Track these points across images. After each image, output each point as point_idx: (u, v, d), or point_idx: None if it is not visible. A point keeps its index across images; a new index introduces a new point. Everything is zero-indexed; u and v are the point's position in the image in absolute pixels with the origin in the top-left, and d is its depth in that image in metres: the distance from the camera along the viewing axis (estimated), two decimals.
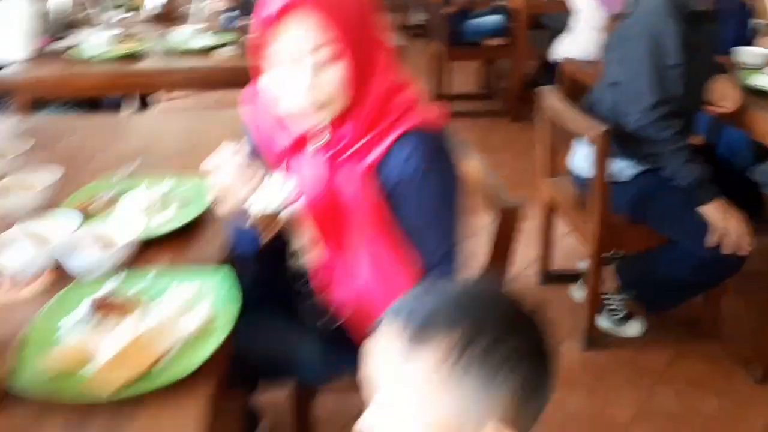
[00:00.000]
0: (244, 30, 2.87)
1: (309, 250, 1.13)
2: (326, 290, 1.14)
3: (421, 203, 1.03)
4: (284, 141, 1.12)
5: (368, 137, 1.04)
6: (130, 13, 3.18)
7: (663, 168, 1.86)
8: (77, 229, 1.13)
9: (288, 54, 0.98)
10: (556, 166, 2.29)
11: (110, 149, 1.65)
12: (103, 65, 2.41)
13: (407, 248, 1.05)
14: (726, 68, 2.06)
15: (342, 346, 1.11)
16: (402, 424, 0.64)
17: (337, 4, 0.97)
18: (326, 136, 1.07)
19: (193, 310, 0.96)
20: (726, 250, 1.79)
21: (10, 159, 1.45)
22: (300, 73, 0.98)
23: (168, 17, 3.22)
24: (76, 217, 1.18)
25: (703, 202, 1.81)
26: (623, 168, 1.98)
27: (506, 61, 4.23)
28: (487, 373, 0.61)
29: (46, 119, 2.25)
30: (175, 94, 3.62)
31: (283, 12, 0.96)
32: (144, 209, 1.25)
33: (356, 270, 1.07)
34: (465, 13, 4.05)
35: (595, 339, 2.14)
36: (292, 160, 1.13)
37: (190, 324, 0.93)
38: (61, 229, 1.14)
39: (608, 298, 2.21)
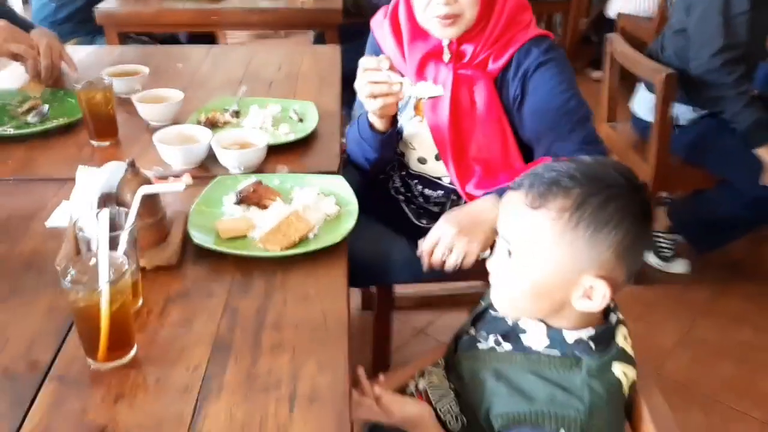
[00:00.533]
0: None
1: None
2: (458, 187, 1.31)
3: (552, 80, 1.22)
4: (419, 53, 1.29)
5: (493, 49, 1.21)
6: None
7: (723, 111, 1.98)
8: (212, 136, 1.32)
9: None
10: (615, 113, 2.42)
11: (216, 76, 1.83)
12: (196, 3, 2.58)
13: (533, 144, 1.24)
14: None
15: None
16: (514, 276, 0.82)
17: None
18: (454, 49, 1.25)
19: (324, 201, 1.14)
20: None
21: (138, 78, 1.63)
22: None
23: None
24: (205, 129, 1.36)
25: (760, 144, 1.93)
26: (684, 112, 2.10)
27: (559, 16, 4.28)
28: (595, 228, 0.77)
29: (155, 48, 2.44)
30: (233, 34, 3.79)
31: None
32: (261, 125, 1.43)
33: (478, 168, 1.26)
34: None
35: (643, 274, 2.30)
36: (426, 70, 1.29)
37: (327, 208, 1.12)
38: (201, 133, 1.33)
39: (659, 238, 2.35)
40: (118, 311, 0.79)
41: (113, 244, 0.84)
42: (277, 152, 1.35)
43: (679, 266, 2.37)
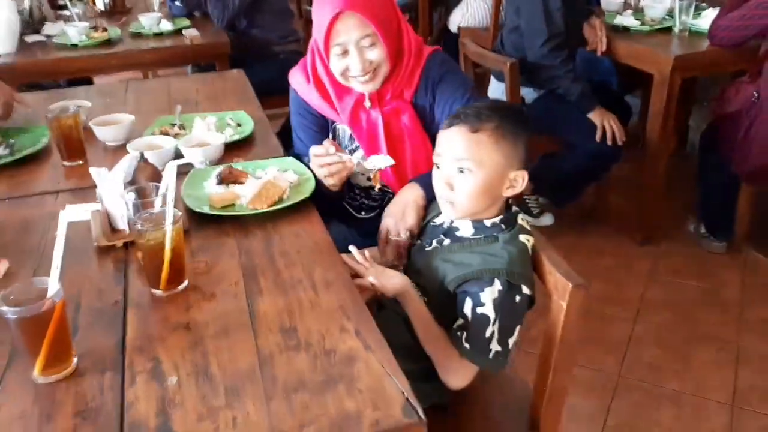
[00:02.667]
0: (190, 16, 3.32)
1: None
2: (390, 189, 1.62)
3: (454, 83, 1.56)
4: (348, 107, 1.54)
5: (403, 80, 1.53)
6: (80, 9, 3.48)
7: (558, 87, 2.54)
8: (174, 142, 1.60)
9: (340, 47, 1.43)
10: None
11: (146, 103, 2.08)
12: (89, 50, 2.78)
13: None
14: (597, 13, 2.77)
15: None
16: (469, 185, 1.20)
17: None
18: (374, 96, 1.53)
19: (285, 174, 1.47)
20: (609, 142, 2.49)
21: (83, 110, 1.86)
22: (351, 60, 1.43)
23: (114, 10, 3.58)
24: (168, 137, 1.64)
25: (589, 109, 2.50)
26: (527, 93, 2.66)
27: None
28: (514, 136, 1.19)
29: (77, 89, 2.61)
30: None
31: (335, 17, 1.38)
32: (209, 130, 1.73)
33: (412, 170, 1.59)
34: None
35: None
36: (359, 118, 1.56)
37: (290, 178, 1.45)
38: (164, 141, 1.61)
39: (526, 200, 2.88)
40: (176, 248, 1.08)
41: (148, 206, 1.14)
42: (228, 150, 1.66)
43: (547, 219, 2.91)
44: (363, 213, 1.77)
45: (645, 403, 1.99)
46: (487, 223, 1.25)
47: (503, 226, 1.25)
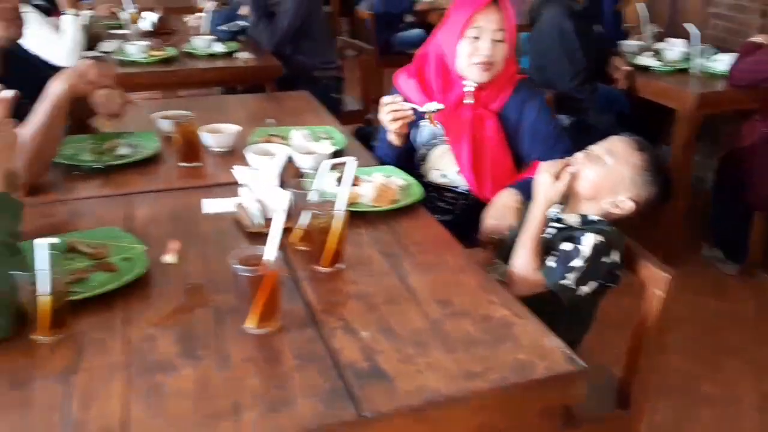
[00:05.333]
0: (236, 38, 3.53)
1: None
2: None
3: (540, 107, 1.82)
4: (449, 97, 1.78)
5: (495, 94, 1.80)
6: (128, 29, 3.66)
7: (588, 117, 2.81)
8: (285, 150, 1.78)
9: (477, 30, 1.71)
10: None
11: (233, 117, 2.25)
12: (149, 67, 2.96)
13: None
14: (618, 53, 3.07)
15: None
16: (594, 173, 1.41)
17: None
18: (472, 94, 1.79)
19: (393, 179, 1.67)
20: None
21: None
22: (482, 43, 1.71)
23: (160, 32, 3.76)
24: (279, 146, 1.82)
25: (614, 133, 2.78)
26: (562, 119, 2.91)
27: None
28: (649, 176, 1.41)
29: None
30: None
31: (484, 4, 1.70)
32: (307, 141, 1.92)
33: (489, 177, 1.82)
34: (393, 28, 4.91)
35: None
36: (452, 111, 1.79)
37: (398, 182, 1.64)
38: (276, 149, 1.79)
39: None
40: (341, 232, 1.26)
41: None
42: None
43: None
44: (437, 215, 1.97)
45: (683, 404, 2.19)
46: (592, 217, 1.46)
47: (604, 222, 1.46)
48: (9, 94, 1.21)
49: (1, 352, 1.03)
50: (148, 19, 3.74)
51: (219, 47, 3.23)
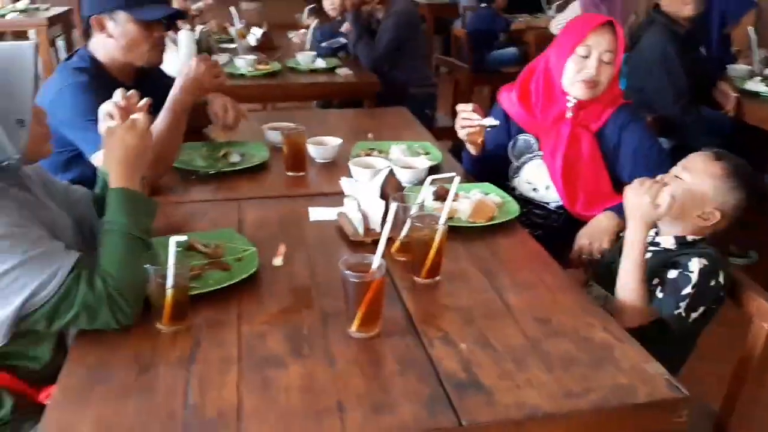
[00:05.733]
0: (337, 55, 3.66)
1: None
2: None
3: (641, 132, 1.81)
4: (550, 116, 1.81)
5: (595, 113, 1.80)
6: (236, 44, 3.87)
7: (691, 141, 2.71)
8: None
9: (587, 48, 1.72)
10: None
11: (332, 131, 2.34)
12: (256, 80, 3.12)
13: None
14: (725, 76, 2.98)
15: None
16: (682, 188, 1.39)
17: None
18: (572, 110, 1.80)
19: (490, 197, 1.69)
20: None
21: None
22: (591, 62, 1.72)
23: (264, 47, 3.95)
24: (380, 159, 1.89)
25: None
26: (663, 143, 2.83)
27: None
28: (735, 184, 1.37)
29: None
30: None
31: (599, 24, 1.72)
32: (405, 155, 1.97)
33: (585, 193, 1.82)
34: (488, 47, 4.92)
35: None
36: (549, 124, 1.83)
37: (495, 200, 1.66)
38: (377, 162, 1.85)
39: None
40: (441, 246, 1.29)
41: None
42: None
43: None
44: (528, 230, 1.97)
45: None
46: (689, 238, 1.43)
47: (703, 243, 1.42)
48: (146, 101, 1.33)
49: (129, 338, 1.13)
50: (255, 35, 3.94)
51: (320, 63, 3.36)
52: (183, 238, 1.14)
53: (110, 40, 1.77)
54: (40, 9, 5.50)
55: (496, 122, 1.79)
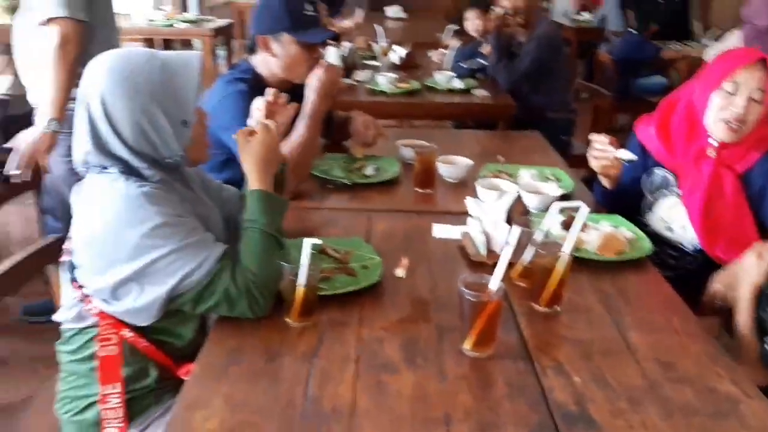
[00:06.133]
0: (475, 76, 3.69)
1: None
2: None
3: None
4: (691, 152, 1.75)
5: (740, 154, 1.71)
6: (380, 62, 4.03)
7: None
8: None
9: (735, 85, 1.64)
10: None
11: (461, 152, 2.39)
12: (396, 98, 3.24)
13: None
14: None
15: None
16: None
17: None
18: (715, 149, 1.72)
19: (620, 230, 1.64)
20: None
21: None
22: (738, 100, 1.64)
23: (406, 66, 4.07)
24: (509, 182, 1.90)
25: None
26: None
27: None
28: None
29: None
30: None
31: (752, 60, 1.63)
32: (535, 180, 1.97)
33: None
34: (634, 74, 4.75)
35: None
36: (689, 162, 1.76)
37: (627, 234, 1.62)
38: (505, 185, 1.86)
39: None
40: (564, 275, 1.29)
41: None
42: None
43: None
44: (664, 271, 1.88)
45: None
46: None
47: None
48: (293, 106, 1.45)
49: (261, 328, 1.23)
50: (397, 53, 4.07)
51: (458, 83, 3.41)
52: (318, 241, 1.22)
53: (272, 59, 1.93)
54: (206, 20, 6.04)
55: (633, 157, 1.74)
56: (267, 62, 1.95)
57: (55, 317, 1.33)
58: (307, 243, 1.20)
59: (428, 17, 6.73)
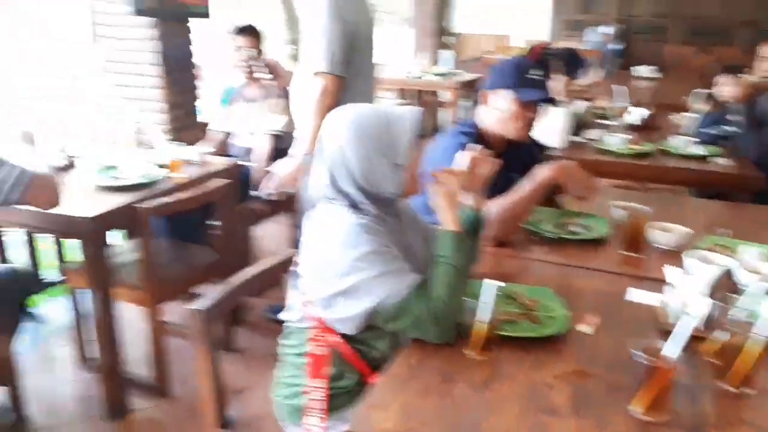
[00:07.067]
0: (718, 143, 3.45)
1: None
2: None
3: None
4: None
5: None
6: (614, 121, 3.99)
7: None
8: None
9: None
10: None
11: (695, 218, 2.28)
12: (625, 158, 3.19)
13: None
14: None
15: None
16: None
17: None
18: None
19: None
20: None
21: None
22: None
23: (646, 127, 3.95)
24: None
25: None
26: None
27: None
28: None
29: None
30: None
31: None
32: (757, 259, 1.83)
33: None
34: None
35: None
36: None
37: None
38: (719, 259, 1.78)
39: None
40: (758, 357, 1.23)
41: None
42: None
43: None
44: None
45: None
46: None
47: None
48: (495, 162, 1.57)
49: (442, 353, 1.38)
50: (636, 114, 3.99)
51: (697, 149, 3.25)
52: (502, 284, 1.34)
53: (491, 112, 2.11)
54: (454, 74, 6.49)
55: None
56: (486, 116, 2.13)
57: (281, 316, 1.62)
58: (494, 285, 1.32)
59: (682, 78, 6.39)
